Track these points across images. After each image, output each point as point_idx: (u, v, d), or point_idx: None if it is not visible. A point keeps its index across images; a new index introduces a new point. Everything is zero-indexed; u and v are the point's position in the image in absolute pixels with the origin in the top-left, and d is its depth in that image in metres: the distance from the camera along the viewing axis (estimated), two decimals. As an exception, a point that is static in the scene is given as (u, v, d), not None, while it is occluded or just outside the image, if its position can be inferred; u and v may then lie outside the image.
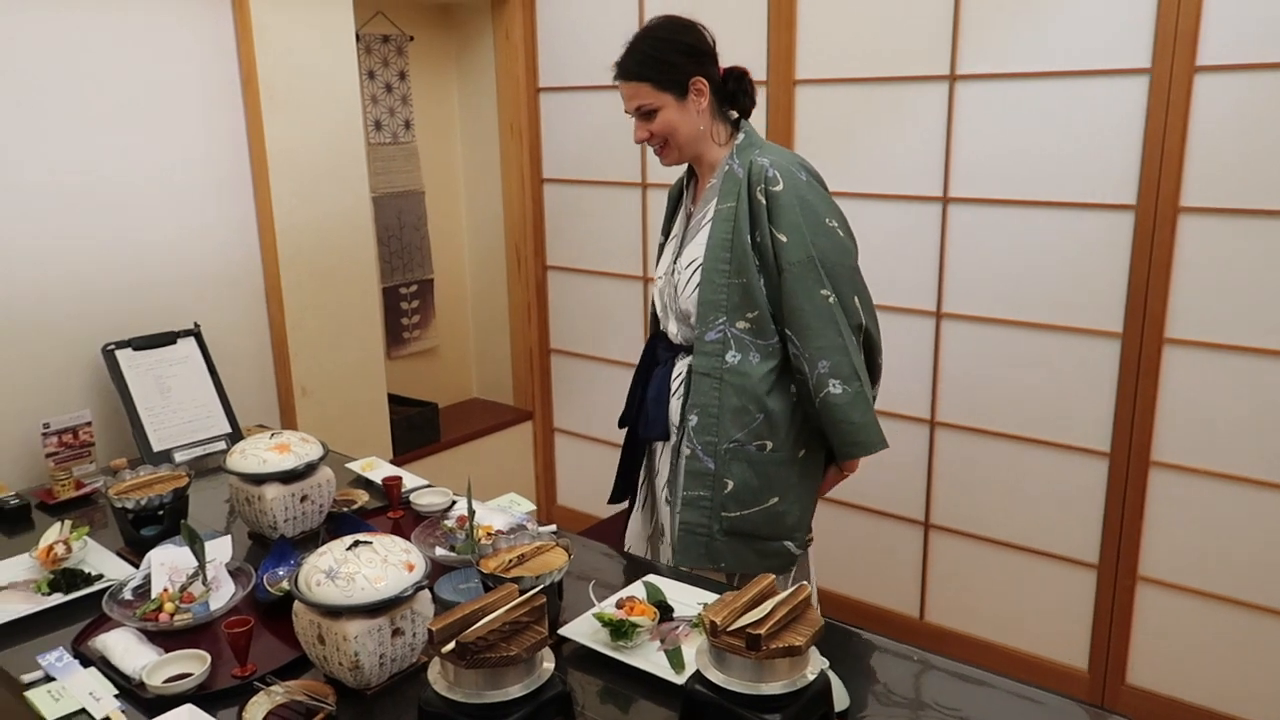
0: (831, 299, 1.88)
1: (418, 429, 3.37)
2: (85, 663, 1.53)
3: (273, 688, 1.43)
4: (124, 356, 2.43)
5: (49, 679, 1.49)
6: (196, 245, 2.65)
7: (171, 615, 1.62)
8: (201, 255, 2.67)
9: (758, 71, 2.91)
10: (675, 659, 1.50)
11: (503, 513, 1.99)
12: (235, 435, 2.52)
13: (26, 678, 1.50)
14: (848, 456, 1.99)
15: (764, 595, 1.29)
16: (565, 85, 3.41)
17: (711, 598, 1.67)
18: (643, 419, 2.11)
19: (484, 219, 3.80)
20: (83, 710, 1.42)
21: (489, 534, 1.85)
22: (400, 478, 2.14)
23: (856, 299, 1.93)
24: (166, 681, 1.44)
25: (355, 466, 2.33)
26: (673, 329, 2.07)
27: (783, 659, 1.21)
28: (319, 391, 2.94)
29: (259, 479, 1.91)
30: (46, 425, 2.26)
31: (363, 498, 2.17)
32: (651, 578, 1.76)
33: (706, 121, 1.94)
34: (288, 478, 1.92)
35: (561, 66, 3.42)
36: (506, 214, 3.68)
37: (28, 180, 2.30)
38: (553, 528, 2.03)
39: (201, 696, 1.43)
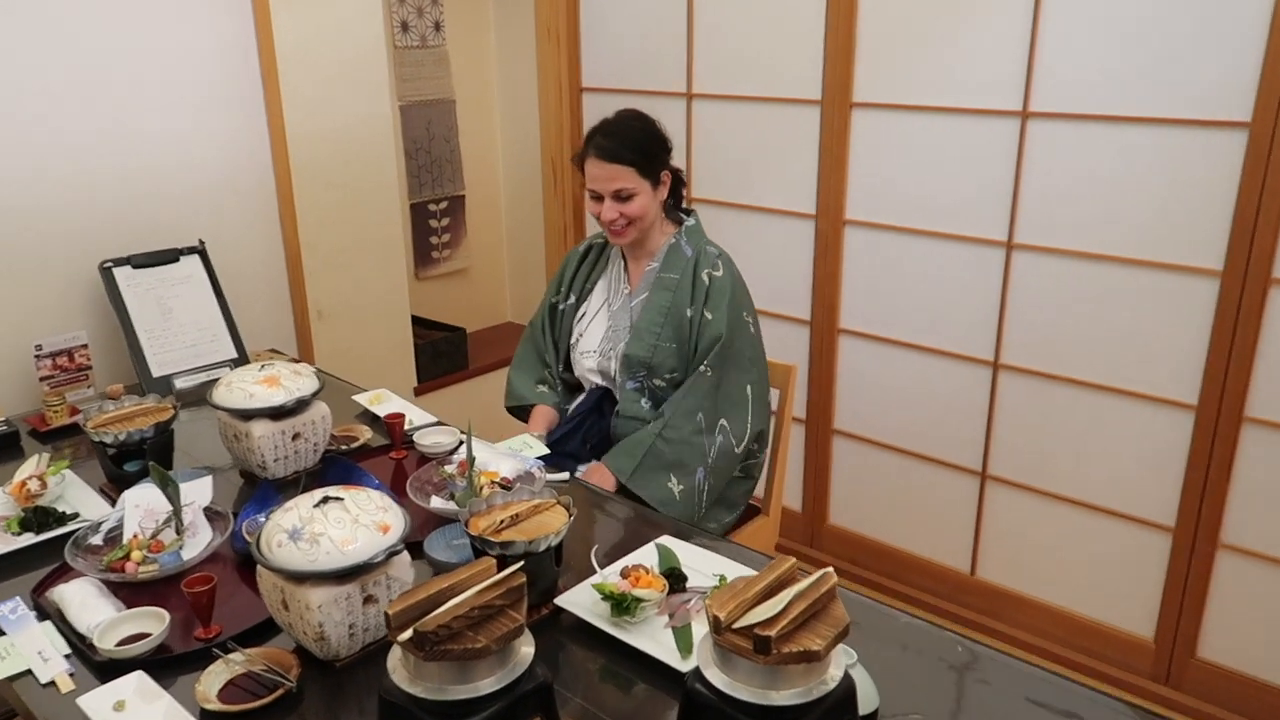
0: (711, 374, 1.99)
1: (444, 355, 3.21)
2: (42, 615, 1.40)
3: (232, 655, 1.29)
4: (122, 275, 2.28)
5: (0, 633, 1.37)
6: (201, 153, 2.47)
7: (138, 565, 1.48)
8: (206, 164, 2.48)
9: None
10: (683, 640, 1.33)
11: (512, 457, 1.81)
12: (242, 360, 2.37)
13: (-25, 630, 1.38)
14: (616, 469, 1.98)
15: (781, 583, 1.10)
16: (607, -16, 3.12)
17: (736, 569, 1.48)
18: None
19: (519, 131, 3.57)
20: (28, 671, 1.30)
21: (493, 481, 1.68)
22: (403, 415, 1.98)
23: (749, 389, 2.03)
24: (120, 644, 1.31)
25: (362, 399, 2.17)
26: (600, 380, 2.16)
27: (797, 665, 1.02)
28: (337, 314, 2.78)
29: (246, 415, 1.76)
30: (39, 347, 2.14)
31: (365, 435, 2.01)
32: (667, 540, 1.57)
33: (659, 210, 2.06)
34: (277, 414, 1.77)
35: (603, -37, 3.13)
36: (543, 126, 3.43)
37: (11, 79, 2.13)
38: (564, 476, 1.85)
39: (156, 661, 1.30)
